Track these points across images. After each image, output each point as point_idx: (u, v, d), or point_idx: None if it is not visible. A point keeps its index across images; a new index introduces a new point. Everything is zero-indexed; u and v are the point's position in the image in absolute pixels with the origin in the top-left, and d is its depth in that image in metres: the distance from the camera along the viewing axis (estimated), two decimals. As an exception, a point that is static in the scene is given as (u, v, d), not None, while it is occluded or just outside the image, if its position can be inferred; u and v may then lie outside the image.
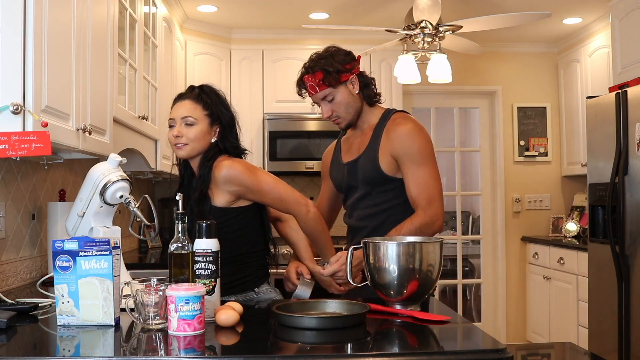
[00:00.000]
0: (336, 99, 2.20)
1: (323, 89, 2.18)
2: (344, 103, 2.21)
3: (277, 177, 2.13)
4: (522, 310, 5.29)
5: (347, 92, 2.21)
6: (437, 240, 1.76)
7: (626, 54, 3.83)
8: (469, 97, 5.48)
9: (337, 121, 2.26)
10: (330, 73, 2.16)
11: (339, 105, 2.21)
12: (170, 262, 1.69)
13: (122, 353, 1.41)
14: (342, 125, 2.27)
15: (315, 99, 2.23)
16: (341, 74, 2.18)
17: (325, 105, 2.22)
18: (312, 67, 2.20)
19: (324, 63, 2.18)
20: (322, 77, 2.17)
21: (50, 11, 1.86)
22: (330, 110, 2.22)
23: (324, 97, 2.20)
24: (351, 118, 2.25)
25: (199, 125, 2.11)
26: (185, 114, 2.11)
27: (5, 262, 2.32)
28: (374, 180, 2.20)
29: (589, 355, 3.08)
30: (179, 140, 2.10)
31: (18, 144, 1.70)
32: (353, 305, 1.66)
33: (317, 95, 2.21)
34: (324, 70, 2.17)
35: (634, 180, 3.40)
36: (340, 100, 2.20)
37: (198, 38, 4.67)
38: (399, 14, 4.23)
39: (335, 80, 2.17)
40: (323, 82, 2.17)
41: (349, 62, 2.21)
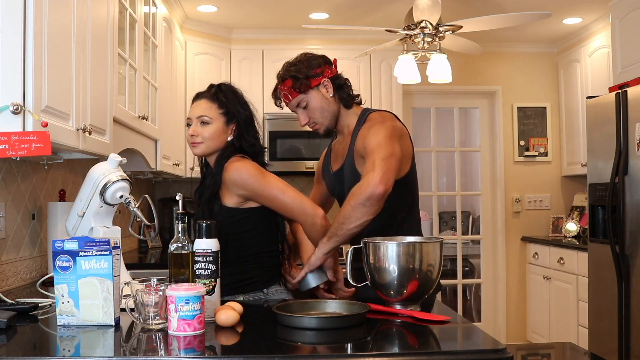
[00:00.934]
0: (310, 104, 2.18)
1: (295, 96, 2.17)
2: (318, 108, 2.19)
3: (287, 184, 2.10)
4: (522, 310, 5.29)
5: (319, 96, 2.18)
6: (437, 240, 1.76)
7: (626, 54, 3.83)
8: (469, 97, 5.48)
9: (314, 127, 2.23)
10: (299, 79, 2.15)
11: (314, 110, 2.19)
12: (170, 262, 1.69)
13: (122, 353, 1.41)
14: (321, 130, 2.23)
15: (291, 107, 2.22)
16: (310, 79, 2.16)
17: (301, 112, 2.20)
18: (282, 75, 2.20)
19: (292, 70, 2.18)
20: (291, 84, 2.17)
21: (50, 11, 1.86)
22: (306, 117, 2.20)
23: (298, 104, 2.19)
24: (328, 123, 2.22)
25: (214, 124, 2.11)
26: (200, 113, 2.12)
27: (5, 262, 2.32)
28: None
29: (589, 355, 3.08)
30: (195, 139, 2.12)
31: (18, 144, 1.70)
32: (353, 305, 1.66)
33: (291, 103, 2.20)
34: (293, 77, 2.16)
35: (634, 180, 3.40)
36: (315, 105, 2.18)
37: (198, 38, 4.67)
38: (399, 14, 4.23)
39: (304, 86, 2.16)
40: (293, 89, 2.16)
41: (318, 66, 2.18)
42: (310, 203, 2.08)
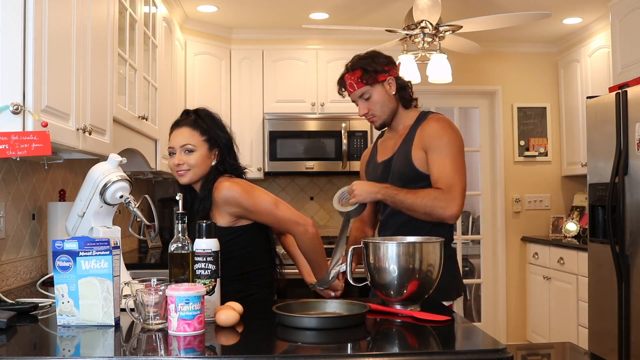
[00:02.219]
0: (372, 97, 2.28)
1: (361, 86, 2.26)
2: (380, 102, 2.28)
3: (276, 197, 2.16)
4: (522, 310, 5.29)
5: (383, 91, 2.28)
6: (437, 240, 1.76)
7: (626, 54, 3.83)
8: (469, 97, 5.48)
9: (372, 119, 2.32)
10: (368, 72, 2.25)
11: (375, 103, 2.28)
12: (170, 262, 1.69)
13: (122, 353, 1.41)
14: (377, 123, 2.33)
15: (353, 97, 2.31)
16: (379, 73, 2.26)
17: (362, 103, 2.29)
18: (352, 66, 2.30)
19: (363, 62, 2.27)
20: (360, 74, 2.26)
21: (50, 11, 1.86)
22: (366, 108, 2.29)
23: (362, 94, 2.28)
24: (386, 117, 2.31)
25: (198, 151, 2.15)
26: (184, 142, 2.16)
27: (5, 262, 2.32)
28: (406, 175, 2.23)
29: (589, 355, 3.08)
30: (181, 167, 2.15)
31: (18, 144, 1.70)
32: (353, 305, 1.66)
33: (355, 92, 2.29)
34: (363, 68, 2.26)
35: (634, 180, 3.40)
36: (377, 98, 2.28)
37: (198, 38, 4.67)
38: (399, 14, 4.23)
39: (372, 79, 2.26)
40: (361, 79, 2.26)
41: (387, 64, 2.29)
42: (299, 213, 2.17)
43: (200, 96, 4.56)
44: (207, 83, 4.68)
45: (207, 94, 4.65)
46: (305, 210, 5.22)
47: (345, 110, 4.77)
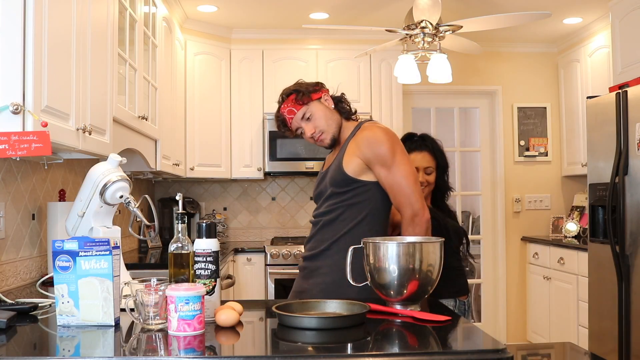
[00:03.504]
0: (314, 114, 2.28)
1: (299, 108, 2.27)
2: (323, 116, 2.29)
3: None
4: (522, 310, 5.29)
5: (322, 106, 2.30)
6: (437, 240, 1.76)
7: (626, 54, 3.83)
8: (469, 97, 5.48)
9: (321, 137, 2.30)
10: (301, 92, 2.28)
11: (319, 119, 2.28)
12: (170, 262, 1.69)
13: (122, 353, 1.41)
14: (327, 140, 2.30)
15: (296, 123, 2.29)
16: (311, 92, 2.29)
17: (307, 124, 2.28)
18: (284, 93, 2.31)
19: (292, 88, 2.32)
20: (294, 97, 2.28)
21: (50, 11, 1.86)
22: (312, 128, 2.28)
23: (302, 115, 2.28)
24: (333, 131, 2.30)
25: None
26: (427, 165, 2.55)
27: (5, 262, 2.32)
28: (335, 179, 2.25)
29: (589, 355, 3.08)
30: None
31: (18, 144, 1.70)
32: (353, 305, 1.66)
33: (296, 116, 2.28)
34: (295, 90, 2.29)
35: (634, 180, 3.40)
36: (319, 114, 2.28)
37: (198, 38, 4.67)
38: (399, 14, 4.23)
39: (307, 98, 2.27)
40: (296, 102, 2.27)
41: (316, 85, 2.33)
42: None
43: (200, 96, 4.57)
44: (207, 83, 4.68)
45: (207, 94, 4.65)
46: (305, 210, 5.23)
47: (345, 110, 4.78)
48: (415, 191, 2.17)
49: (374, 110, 4.86)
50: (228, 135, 4.81)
